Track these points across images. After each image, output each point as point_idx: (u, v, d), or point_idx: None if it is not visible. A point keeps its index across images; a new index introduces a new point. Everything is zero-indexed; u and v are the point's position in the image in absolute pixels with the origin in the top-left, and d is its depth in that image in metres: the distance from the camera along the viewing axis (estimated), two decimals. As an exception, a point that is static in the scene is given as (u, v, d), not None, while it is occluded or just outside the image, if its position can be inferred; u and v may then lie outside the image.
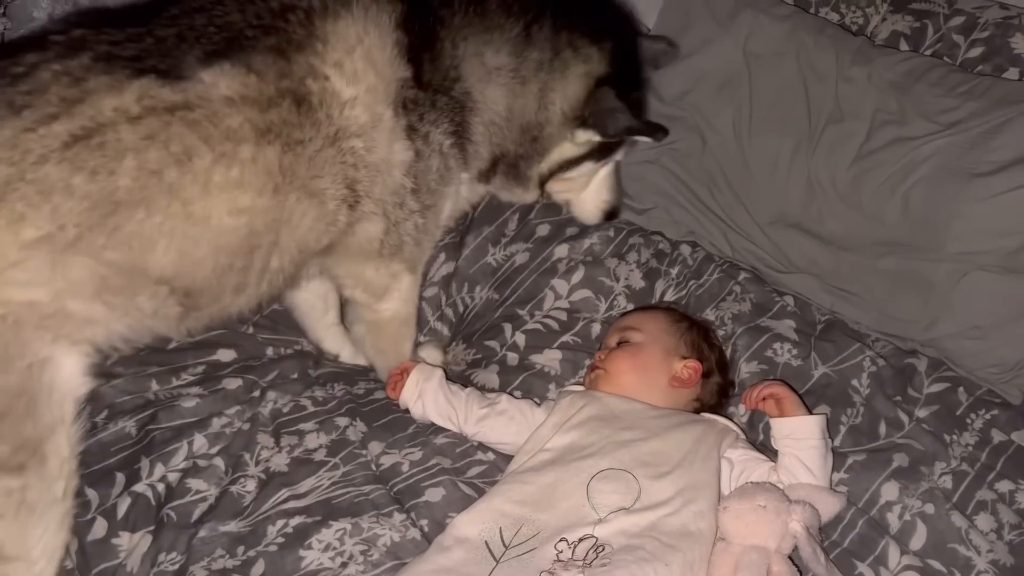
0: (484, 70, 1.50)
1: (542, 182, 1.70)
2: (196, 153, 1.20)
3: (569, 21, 1.55)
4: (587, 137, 1.63)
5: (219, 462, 1.61)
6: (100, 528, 1.49)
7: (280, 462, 1.61)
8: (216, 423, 1.66)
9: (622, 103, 1.57)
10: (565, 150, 1.66)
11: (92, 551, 1.46)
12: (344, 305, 1.90)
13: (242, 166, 1.23)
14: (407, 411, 1.69)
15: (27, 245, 1.13)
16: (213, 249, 1.27)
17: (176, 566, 1.43)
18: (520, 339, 1.85)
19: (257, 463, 1.61)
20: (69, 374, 1.23)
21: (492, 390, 1.76)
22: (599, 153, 1.67)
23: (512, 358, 1.83)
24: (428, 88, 1.42)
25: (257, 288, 1.41)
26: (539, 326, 1.88)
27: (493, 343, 1.87)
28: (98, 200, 1.15)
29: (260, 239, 1.32)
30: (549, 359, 1.81)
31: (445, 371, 1.74)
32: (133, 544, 1.48)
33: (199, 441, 1.63)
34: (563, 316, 1.89)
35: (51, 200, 1.13)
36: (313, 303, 1.86)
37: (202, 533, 1.46)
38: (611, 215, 1.82)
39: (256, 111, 1.23)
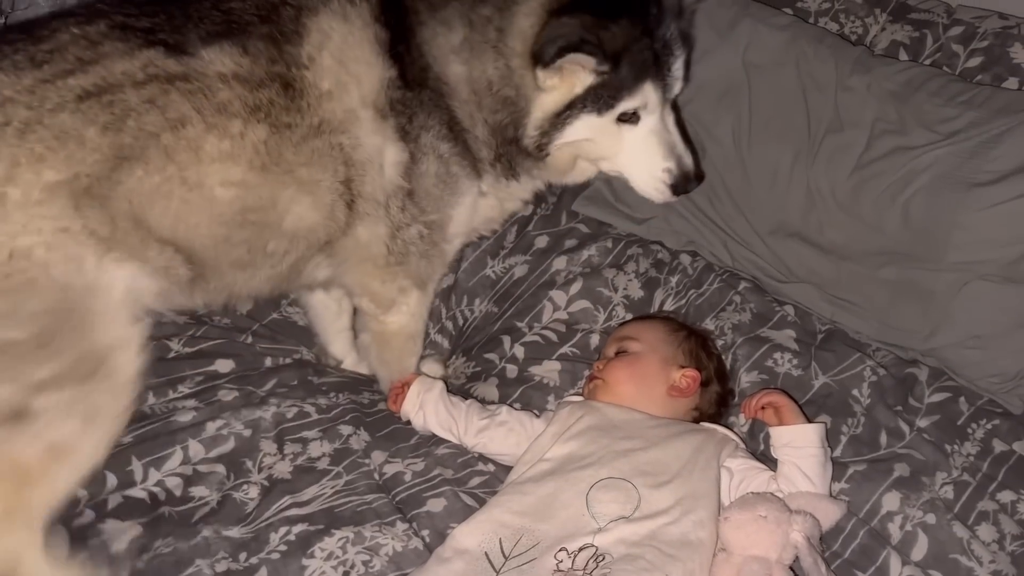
0: (447, 47, 1.47)
1: (545, 150, 1.51)
2: (189, 121, 1.30)
3: None
4: (546, 78, 1.45)
5: (220, 468, 1.61)
6: (88, 516, 1.47)
7: (283, 469, 1.60)
8: (211, 427, 1.64)
9: (582, 26, 1.39)
10: (544, 103, 1.48)
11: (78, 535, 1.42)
12: (356, 312, 1.89)
13: (232, 140, 1.32)
14: (409, 422, 1.69)
15: (49, 187, 1.23)
16: (207, 217, 1.35)
17: (174, 557, 1.42)
18: (519, 351, 1.85)
19: (260, 470, 1.61)
20: (123, 296, 1.32)
21: (492, 403, 1.76)
22: (592, 100, 1.46)
23: (511, 370, 1.83)
24: (413, 86, 1.45)
25: (260, 270, 1.49)
26: (538, 338, 1.88)
27: (492, 356, 1.87)
28: (106, 153, 1.26)
29: (252, 215, 1.39)
30: (548, 371, 1.81)
31: (446, 383, 1.74)
32: (121, 529, 1.44)
33: (195, 447, 1.61)
34: (562, 328, 1.90)
35: (67, 146, 1.23)
36: (328, 304, 1.87)
37: (205, 533, 1.46)
38: (678, 186, 1.55)
39: (246, 89, 1.33)
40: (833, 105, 1.92)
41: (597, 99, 1.46)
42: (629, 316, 1.91)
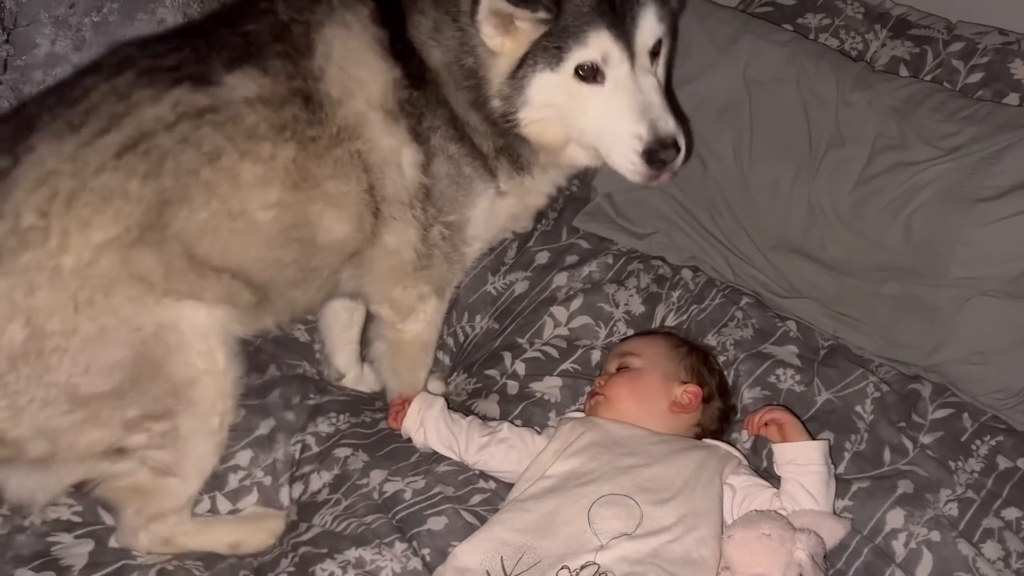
0: (425, 33, 1.45)
1: (513, 121, 1.43)
2: (223, 152, 1.33)
3: None
4: (491, 35, 1.39)
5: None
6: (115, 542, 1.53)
7: (290, 511, 1.63)
8: (233, 479, 1.65)
9: None
10: (499, 65, 1.41)
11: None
12: (367, 325, 1.88)
13: (264, 163, 1.36)
14: (409, 440, 1.69)
15: (99, 247, 1.29)
16: (254, 242, 1.40)
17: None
18: (520, 368, 1.85)
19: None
20: (191, 330, 1.37)
21: (493, 419, 1.75)
22: (541, 53, 1.37)
23: (512, 387, 1.82)
24: (417, 85, 1.45)
25: (312, 284, 1.53)
26: (539, 354, 1.87)
27: (493, 372, 1.86)
28: (151, 201, 1.31)
29: (294, 233, 1.42)
30: (549, 387, 1.80)
31: (447, 400, 1.73)
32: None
33: (222, 502, 1.64)
34: (563, 344, 1.89)
35: (112, 204, 1.29)
36: (339, 313, 1.87)
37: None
38: (652, 154, 1.37)
39: (271, 109, 1.36)
40: (834, 121, 1.92)
41: (546, 52, 1.37)
42: (630, 332, 1.91)
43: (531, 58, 1.38)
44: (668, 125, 1.37)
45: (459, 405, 1.82)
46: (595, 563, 1.31)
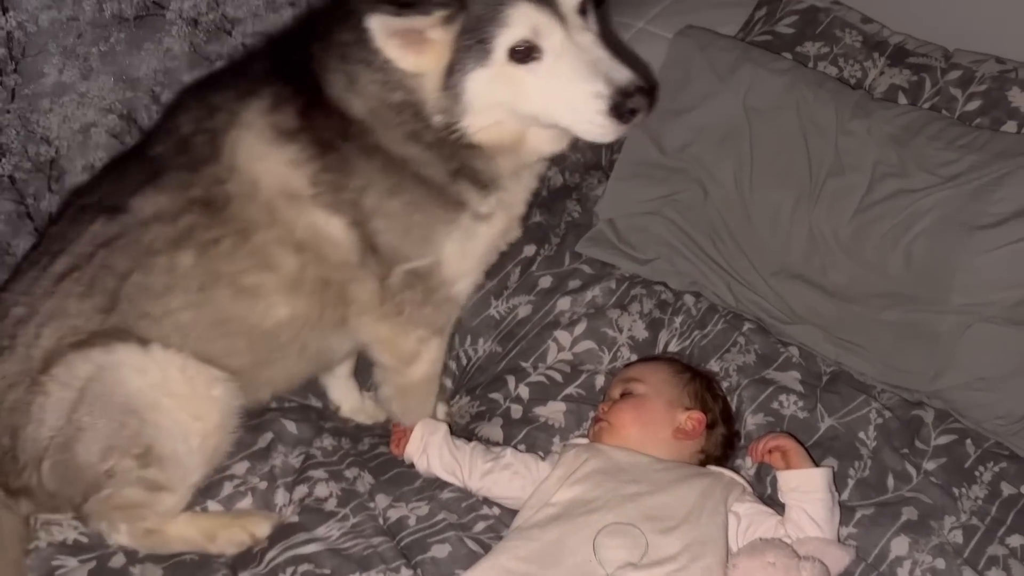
0: (341, 89, 1.42)
1: (460, 132, 1.38)
2: (132, 271, 1.45)
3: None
4: (406, 60, 1.33)
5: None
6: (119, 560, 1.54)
7: (289, 512, 1.61)
8: (228, 486, 1.66)
9: None
10: (427, 85, 1.36)
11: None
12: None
13: (166, 274, 1.45)
14: (412, 465, 1.69)
15: (50, 352, 1.47)
16: (195, 337, 1.48)
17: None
18: (524, 392, 1.85)
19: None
20: (139, 360, 1.47)
21: (496, 444, 1.75)
22: (466, 54, 1.31)
23: (516, 411, 1.82)
24: (336, 148, 1.43)
25: (288, 359, 1.60)
26: (543, 378, 1.87)
27: (497, 396, 1.86)
28: (93, 315, 1.46)
29: (230, 327, 1.50)
30: (553, 411, 1.80)
31: (450, 425, 1.73)
32: (150, 572, 1.53)
33: (212, 507, 1.64)
34: (566, 368, 1.89)
35: (59, 320, 1.47)
36: None
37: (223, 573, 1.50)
38: (620, 107, 1.29)
39: (164, 224, 1.45)
40: (834, 148, 1.94)
41: (469, 50, 1.30)
42: (634, 356, 1.91)
43: (457, 63, 1.31)
44: (624, 72, 1.29)
45: (462, 429, 1.82)
46: (600, 592, 1.31)
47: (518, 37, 1.28)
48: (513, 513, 1.56)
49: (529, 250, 2.09)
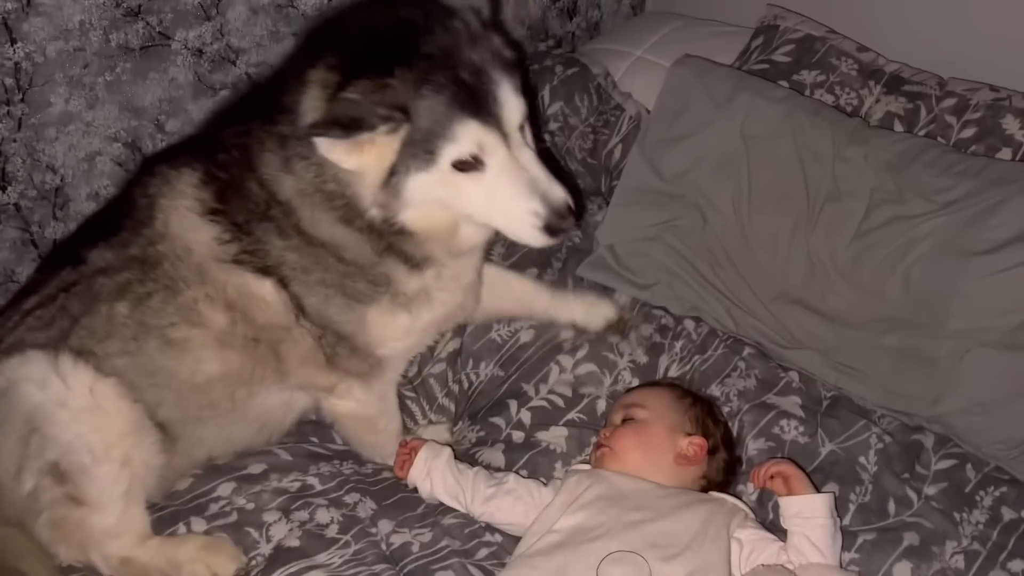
0: (272, 172, 1.49)
1: (395, 223, 1.44)
2: (82, 314, 1.56)
3: (284, 74, 1.52)
4: (348, 160, 1.37)
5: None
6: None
7: (292, 537, 1.61)
8: (214, 507, 1.67)
9: (357, 97, 1.32)
10: (366, 180, 1.40)
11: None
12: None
13: (105, 319, 1.55)
14: (415, 489, 1.69)
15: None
16: (128, 384, 1.55)
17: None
18: (526, 416, 1.85)
19: (268, 540, 1.62)
20: (39, 369, 1.53)
21: (498, 469, 1.76)
22: (411, 159, 1.36)
23: (518, 436, 1.83)
24: (249, 233, 1.52)
25: (224, 418, 1.66)
26: (545, 403, 1.88)
27: (499, 420, 1.87)
28: (46, 344, 1.55)
29: (157, 378, 1.57)
30: (555, 437, 1.81)
31: (453, 449, 1.73)
32: None
33: (197, 523, 1.65)
34: (568, 392, 1.90)
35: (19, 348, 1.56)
36: None
37: None
38: (552, 227, 1.39)
39: (108, 276, 1.56)
40: (831, 175, 1.95)
41: (416, 156, 1.35)
42: (636, 381, 1.92)
43: (401, 165, 1.36)
44: (559, 194, 1.39)
45: (463, 454, 1.82)
46: (605, 621, 1.31)
47: (464, 152, 1.35)
48: (515, 539, 1.56)
49: (531, 274, 2.10)
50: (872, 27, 2.32)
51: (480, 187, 1.38)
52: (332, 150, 1.35)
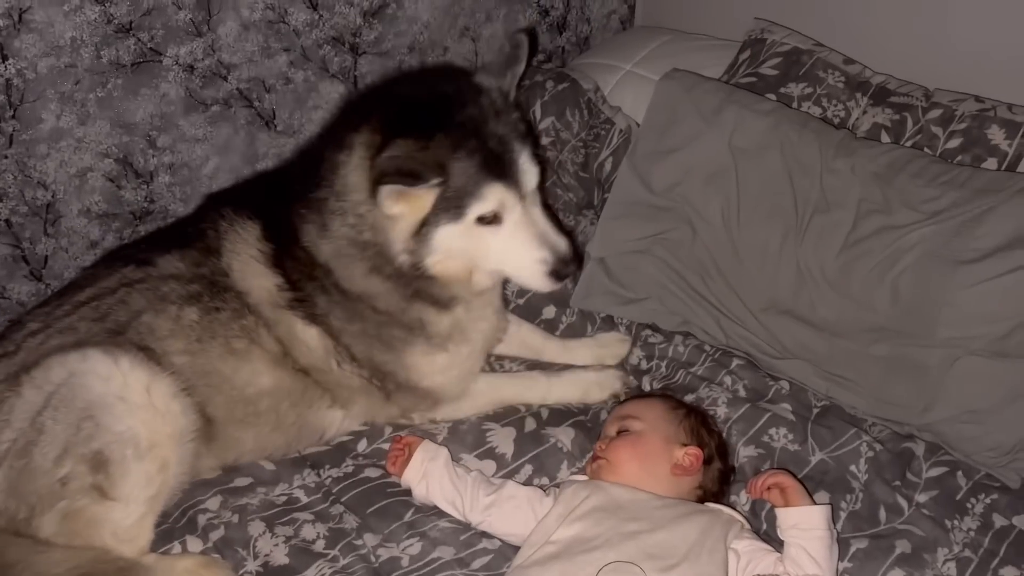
0: (314, 239, 1.70)
1: (420, 268, 1.64)
2: (143, 310, 1.68)
3: (323, 140, 1.74)
4: (390, 207, 1.57)
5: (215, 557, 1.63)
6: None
7: (279, 554, 1.61)
8: (202, 519, 1.67)
9: (393, 159, 1.52)
10: (400, 228, 1.61)
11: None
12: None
13: (172, 320, 1.68)
14: (401, 490, 1.69)
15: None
16: (183, 381, 1.64)
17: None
18: (543, 411, 1.91)
19: (255, 557, 1.62)
20: (105, 365, 1.60)
21: (503, 456, 1.77)
22: (443, 211, 1.57)
23: (530, 424, 1.87)
24: (304, 285, 1.72)
25: (262, 427, 1.76)
26: (559, 405, 1.93)
27: (518, 405, 1.93)
28: (100, 334, 1.65)
29: (212, 379, 1.69)
30: (563, 435, 1.83)
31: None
32: None
33: (193, 543, 1.65)
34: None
35: (65, 334, 1.66)
36: None
37: None
38: (558, 272, 1.64)
39: (180, 284, 1.71)
40: (819, 187, 1.97)
41: (447, 210, 1.57)
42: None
43: (433, 217, 1.58)
44: (563, 245, 1.64)
45: (473, 426, 1.85)
46: (603, 631, 1.31)
47: (488, 209, 1.59)
48: (512, 547, 1.56)
49: (549, 311, 2.19)
50: (858, 40, 2.34)
51: (497, 239, 1.62)
52: (389, 196, 1.56)
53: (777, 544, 1.53)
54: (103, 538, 1.56)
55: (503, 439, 1.82)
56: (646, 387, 2.00)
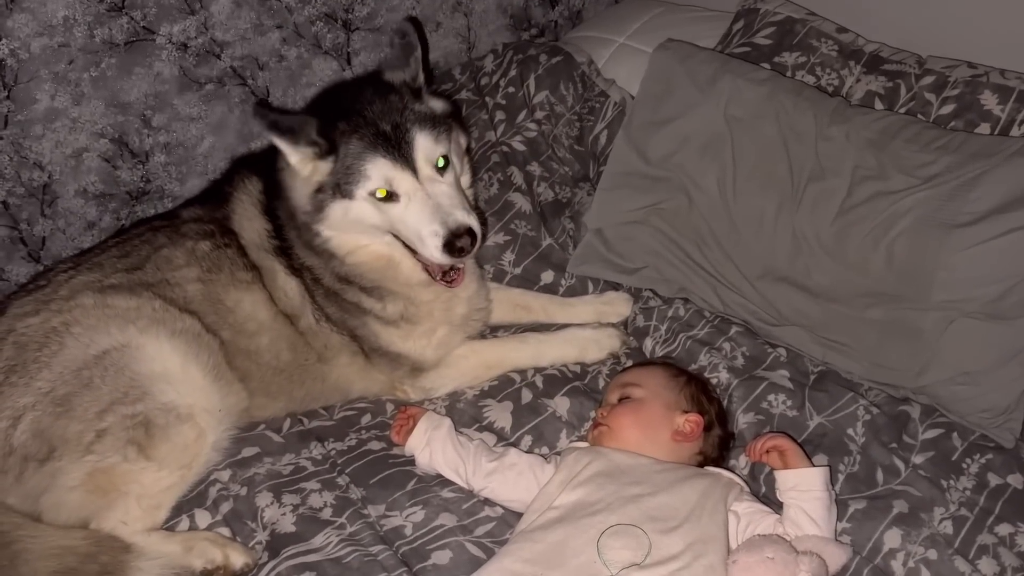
0: (280, 199, 1.84)
1: (318, 232, 1.77)
2: (163, 245, 1.84)
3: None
4: (292, 158, 1.74)
5: (224, 531, 1.66)
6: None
7: (287, 523, 1.63)
8: (212, 491, 1.70)
9: (297, 121, 1.71)
10: (299, 186, 1.76)
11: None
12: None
13: (188, 253, 1.83)
14: (405, 459, 1.71)
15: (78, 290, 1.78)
16: (199, 311, 1.79)
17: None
18: (539, 380, 1.91)
19: (264, 528, 1.64)
20: (156, 344, 1.73)
21: (503, 428, 1.79)
22: (334, 187, 1.72)
23: (527, 395, 1.88)
24: (285, 237, 1.84)
25: (265, 374, 1.86)
26: (556, 373, 1.93)
27: (514, 374, 1.93)
28: (123, 282, 1.79)
29: (221, 315, 1.81)
30: (560, 404, 1.85)
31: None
32: None
33: (201, 515, 1.67)
34: (576, 367, 1.97)
35: (98, 270, 1.81)
36: None
37: None
38: (450, 244, 1.68)
39: (197, 224, 1.88)
40: (814, 154, 1.98)
41: (339, 186, 1.71)
42: (629, 361, 1.96)
43: (328, 188, 1.73)
44: (458, 218, 1.68)
45: (470, 403, 1.87)
46: (606, 592, 1.33)
47: (375, 186, 1.70)
48: (515, 514, 1.58)
49: (547, 276, 2.19)
50: (851, 8, 2.35)
51: (395, 213, 1.71)
52: (292, 155, 1.73)
53: (776, 507, 1.55)
54: (126, 503, 1.60)
55: (500, 413, 1.84)
56: (647, 348, 2.01)
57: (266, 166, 1.87)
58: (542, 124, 2.43)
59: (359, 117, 1.71)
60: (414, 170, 1.70)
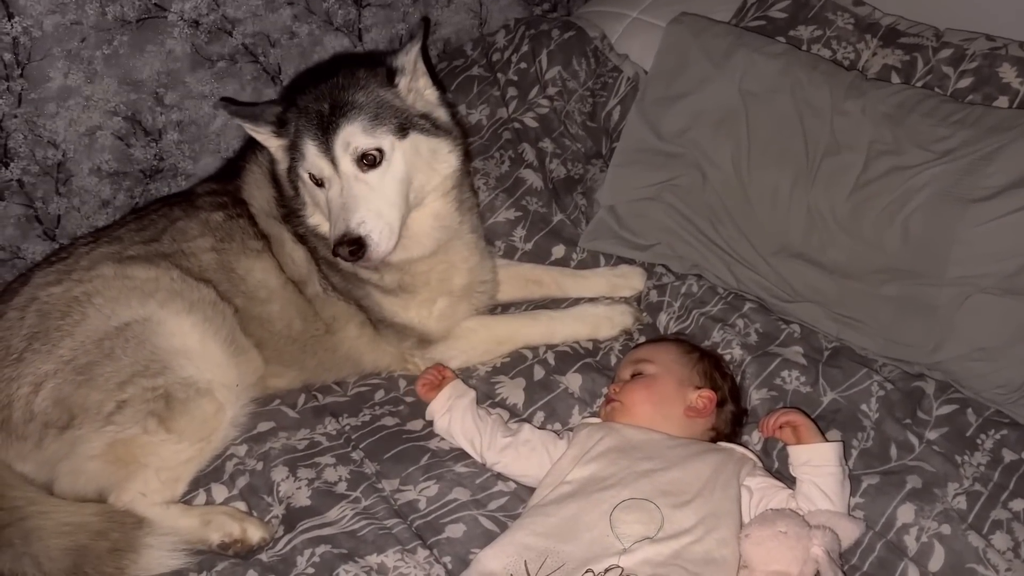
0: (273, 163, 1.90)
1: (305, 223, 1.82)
2: (179, 218, 1.90)
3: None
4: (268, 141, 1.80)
5: (241, 505, 1.68)
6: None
7: (302, 496, 1.65)
8: (228, 466, 1.72)
9: (262, 105, 1.83)
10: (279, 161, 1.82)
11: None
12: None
13: (200, 223, 1.87)
14: (421, 434, 1.73)
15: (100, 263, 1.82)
16: (213, 279, 1.83)
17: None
18: (550, 356, 1.91)
19: (280, 501, 1.66)
20: (177, 321, 1.76)
21: (515, 405, 1.80)
22: (294, 165, 1.75)
23: (539, 372, 1.88)
24: (287, 204, 1.86)
25: (279, 341, 1.89)
26: (568, 349, 1.94)
27: (527, 351, 1.93)
28: (142, 253, 1.84)
29: (234, 281, 1.85)
30: (572, 381, 1.85)
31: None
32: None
33: (217, 490, 1.69)
34: (588, 344, 1.97)
35: (118, 243, 1.86)
36: None
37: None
38: (337, 249, 1.65)
39: (212, 197, 1.93)
40: (829, 129, 1.96)
41: (294, 160, 1.74)
42: (642, 337, 1.96)
43: (293, 166, 1.75)
44: (348, 227, 1.63)
45: (483, 380, 1.88)
46: (619, 566, 1.34)
47: (307, 169, 1.71)
48: (528, 489, 1.59)
49: (558, 251, 2.18)
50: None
51: (322, 201, 1.73)
52: (246, 128, 1.79)
53: (789, 483, 1.55)
54: (145, 474, 1.63)
55: (513, 389, 1.85)
56: (660, 324, 2.01)
57: None
58: (554, 100, 2.41)
59: (308, 97, 1.73)
60: (334, 164, 1.67)
